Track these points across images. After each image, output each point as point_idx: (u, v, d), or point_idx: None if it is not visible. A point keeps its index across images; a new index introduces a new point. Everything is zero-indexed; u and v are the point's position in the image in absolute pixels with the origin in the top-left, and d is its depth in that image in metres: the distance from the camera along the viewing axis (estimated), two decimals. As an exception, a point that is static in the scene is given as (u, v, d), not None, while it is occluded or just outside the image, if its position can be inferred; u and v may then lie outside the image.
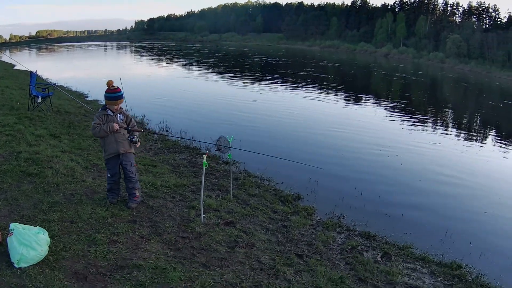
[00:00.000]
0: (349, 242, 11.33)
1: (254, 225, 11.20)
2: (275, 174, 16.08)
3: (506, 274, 11.40)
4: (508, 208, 16.64)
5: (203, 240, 9.64)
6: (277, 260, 9.39)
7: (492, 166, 22.66)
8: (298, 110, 32.77)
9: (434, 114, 40.78)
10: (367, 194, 15.95)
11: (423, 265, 10.94)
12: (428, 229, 13.81)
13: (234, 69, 65.56)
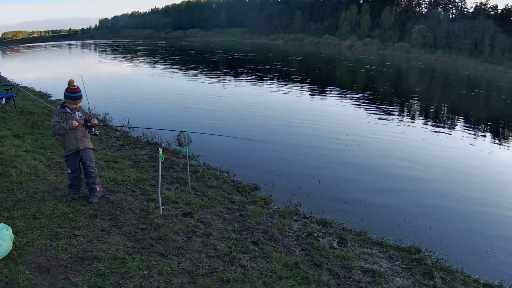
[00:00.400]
0: (305, 229, 11.64)
1: (211, 215, 11.51)
2: (233, 166, 16.31)
3: (468, 257, 11.74)
4: (469, 193, 17.12)
5: (162, 231, 9.97)
6: (233, 248, 9.73)
7: (455, 153, 23.23)
8: (261, 104, 32.98)
9: (400, 104, 41.29)
10: (324, 182, 16.26)
11: (380, 250, 11.25)
12: (386, 215, 14.16)
13: (201, 65, 65.27)
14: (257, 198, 13.54)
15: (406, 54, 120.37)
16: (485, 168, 21.23)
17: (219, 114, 27.21)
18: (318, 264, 9.81)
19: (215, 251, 9.55)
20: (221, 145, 19.14)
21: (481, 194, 17.15)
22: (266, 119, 27.06)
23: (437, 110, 41.23)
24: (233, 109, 29.65)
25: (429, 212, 15.00)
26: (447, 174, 19.38)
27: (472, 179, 19.03)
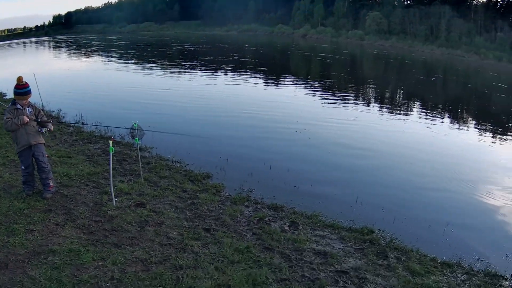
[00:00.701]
0: (257, 214, 11.96)
1: (164, 205, 11.78)
2: (185, 156, 16.49)
3: (423, 236, 12.10)
4: (422, 175, 17.58)
5: (115, 222, 10.24)
6: (185, 235, 10.05)
7: (409, 137, 23.74)
8: (215, 95, 33.04)
9: (355, 91, 41.74)
10: (276, 168, 16.56)
11: (332, 232, 11.56)
12: (338, 198, 14.49)
13: (157, 58, 64.54)
14: (209, 186, 13.81)
15: (360, 41, 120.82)
16: (439, 151, 21.68)
17: (172, 108, 27.20)
18: (269, 248, 10.12)
19: (167, 239, 9.84)
20: (173, 137, 19.23)
21: (434, 176, 17.62)
22: (219, 110, 27.14)
23: (393, 96, 41.84)
24: (186, 102, 29.53)
25: (381, 194, 15.36)
26: (400, 157, 19.87)
27: (425, 162, 19.44)
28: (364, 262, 10.06)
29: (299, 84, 42.65)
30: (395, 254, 10.71)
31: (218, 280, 8.34)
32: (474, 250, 11.70)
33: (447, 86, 51.12)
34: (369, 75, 55.45)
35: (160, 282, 8.01)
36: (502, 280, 10.17)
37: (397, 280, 9.45)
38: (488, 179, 17.98)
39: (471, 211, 14.79)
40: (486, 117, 34.38)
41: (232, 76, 45.62)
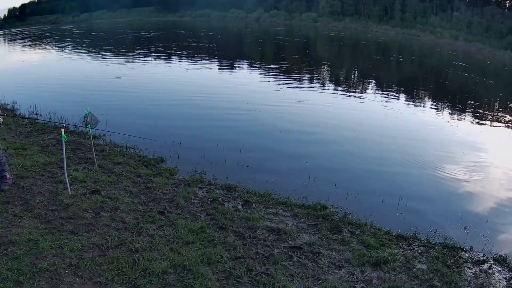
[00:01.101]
0: (210, 195, 12.28)
1: (118, 190, 12.01)
2: (139, 142, 16.57)
3: (377, 211, 12.47)
4: (374, 152, 18.09)
5: (71, 210, 10.46)
6: (140, 219, 10.34)
7: (361, 115, 24.38)
8: (170, 81, 32.81)
9: (310, 72, 41.98)
10: (228, 150, 16.82)
11: (285, 209, 11.91)
12: (291, 176, 14.85)
13: (114, 46, 63.12)
14: (163, 170, 14.02)
15: (314, 23, 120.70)
16: (393, 128, 22.32)
17: (127, 96, 26.93)
18: (223, 227, 10.46)
19: (123, 223, 10.13)
20: (126, 124, 19.37)
21: (387, 152, 18.14)
22: (172, 95, 27.17)
23: (348, 76, 42.34)
24: (140, 89, 29.08)
25: (334, 171, 15.78)
26: (353, 135, 20.32)
27: (378, 138, 20.00)
28: (318, 238, 10.39)
29: (255, 67, 42.77)
30: (349, 228, 11.06)
31: (173, 260, 8.65)
32: (431, 223, 12.05)
33: (404, 65, 51.78)
34: (324, 57, 55.71)
35: (116, 266, 8.28)
36: (461, 252, 10.55)
37: (352, 254, 9.78)
38: (442, 154, 18.53)
39: (425, 185, 15.23)
40: (443, 94, 35.18)
41: (189, 61, 45.16)
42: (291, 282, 8.48)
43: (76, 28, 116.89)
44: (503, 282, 9.54)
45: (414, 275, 9.25)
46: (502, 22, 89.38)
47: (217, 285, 8.10)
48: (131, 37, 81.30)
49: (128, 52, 53.69)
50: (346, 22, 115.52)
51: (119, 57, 49.49)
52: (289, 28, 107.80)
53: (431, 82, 42.54)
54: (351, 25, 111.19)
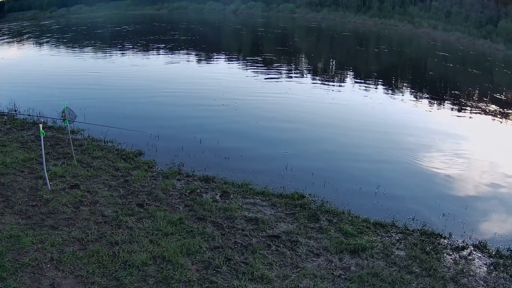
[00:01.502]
0: (188, 187, 12.44)
1: (97, 184, 12.10)
2: (117, 136, 16.61)
3: (354, 199, 12.66)
4: (349, 141, 18.40)
5: (51, 205, 10.56)
6: (119, 212, 10.48)
7: (339, 106, 24.65)
8: (149, 74, 32.38)
9: (289, 64, 41.96)
10: (206, 141, 16.95)
11: (263, 199, 12.11)
12: (268, 166, 15.00)
13: (94, 41, 61.29)
14: (141, 163, 14.12)
15: (291, 14, 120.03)
16: (371, 118, 22.55)
17: (104, 90, 26.54)
18: (201, 218, 10.62)
19: (102, 217, 10.26)
20: (105, 117, 19.31)
21: (364, 141, 18.42)
22: (151, 89, 26.90)
23: (327, 67, 42.29)
24: (119, 83, 28.86)
25: (311, 160, 15.92)
26: (330, 125, 20.63)
27: (356, 128, 20.26)
28: (296, 226, 10.59)
29: (233, 60, 42.61)
30: (327, 217, 11.26)
31: (153, 252, 8.81)
32: (409, 210, 12.27)
33: (382, 55, 51.85)
34: (303, 48, 55.41)
35: (97, 259, 8.41)
36: (439, 238, 10.77)
37: (330, 242, 9.98)
38: (421, 142, 18.83)
39: (403, 173, 15.50)
40: (422, 84, 35.56)
41: (168, 55, 44.50)
42: (269, 271, 8.64)
43: (55, 23, 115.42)
44: (484, 268, 9.71)
45: (392, 261, 9.43)
46: (481, 11, 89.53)
47: (196, 275, 8.25)
48: (112, 31, 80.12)
49: (107, 46, 52.63)
50: (324, 13, 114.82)
51: (97, 51, 48.42)
52: (267, 19, 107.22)
53: (410, 71, 42.95)
54: (329, 16, 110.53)
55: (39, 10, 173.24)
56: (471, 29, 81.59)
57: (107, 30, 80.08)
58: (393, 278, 8.75)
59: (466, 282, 9.00)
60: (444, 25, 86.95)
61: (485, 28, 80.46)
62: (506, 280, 9.26)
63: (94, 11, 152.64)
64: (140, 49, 48.78)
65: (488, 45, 71.69)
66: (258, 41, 61.23)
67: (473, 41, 75.12)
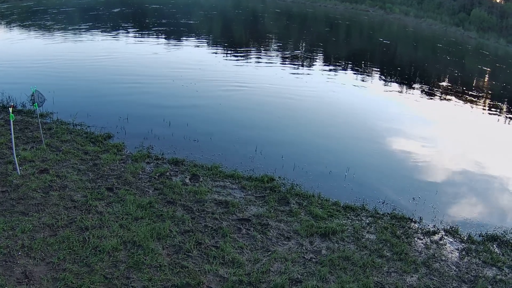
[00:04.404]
0: (158, 170, 12.51)
1: (66, 169, 12.05)
2: (86, 119, 16.50)
3: (324, 182, 12.98)
4: (319, 124, 18.78)
5: (21, 190, 10.51)
6: (89, 197, 10.50)
7: (306, 89, 24.96)
8: (114, 60, 30.41)
9: (257, 48, 41.75)
10: (174, 123, 16.99)
11: (233, 182, 12.29)
12: (237, 148, 15.19)
13: (66, 24, 59.85)
14: (110, 146, 14.08)
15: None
16: (340, 101, 22.97)
17: (74, 73, 25.94)
18: (171, 201, 10.77)
19: (72, 202, 10.27)
20: (72, 99, 19.12)
21: (334, 125, 18.87)
22: (117, 72, 26.46)
23: (296, 51, 41.91)
24: (88, 66, 28.21)
25: (281, 143, 16.15)
26: (298, 108, 20.88)
27: (325, 112, 20.68)
28: (266, 209, 10.79)
29: (200, 42, 41.78)
30: (297, 200, 11.52)
31: (123, 237, 8.91)
32: (379, 194, 12.60)
33: (352, 40, 52.07)
34: (271, 32, 55.18)
35: (68, 245, 8.48)
36: (410, 223, 11.10)
37: (300, 225, 10.21)
38: (391, 127, 19.29)
39: (373, 157, 15.81)
40: (392, 69, 35.87)
41: (138, 38, 43.60)
42: (240, 255, 8.83)
43: (41, 4, 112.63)
44: (456, 253, 10.02)
45: (363, 245, 9.69)
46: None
47: (167, 260, 8.38)
48: (108, 13, 78.04)
49: (80, 30, 51.49)
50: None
51: (69, 34, 47.20)
52: (236, 2, 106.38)
53: (380, 56, 43.13)
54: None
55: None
56: (443, 16, 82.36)
57: (100, 12, 78.04)
58: (364, 261, 8.99)
59: (438, 267, 9.28)
60: (416, 12, 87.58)
61: (457, 16, 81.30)
62: (478, 266, 9.56)
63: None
64: (113, 32, 47.79)
65: (461, 32, 72.57)
66: (226, 24, 60.70)
67: (445, 28, 75.81)
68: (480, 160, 16.53)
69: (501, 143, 19.64)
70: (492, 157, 17.35)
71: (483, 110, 26.26)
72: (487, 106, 27.48)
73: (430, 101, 25.45)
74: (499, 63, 49.42)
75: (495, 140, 20.00)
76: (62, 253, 8.24)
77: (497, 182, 15.11)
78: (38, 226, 9.07)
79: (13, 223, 9.06)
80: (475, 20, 76.87)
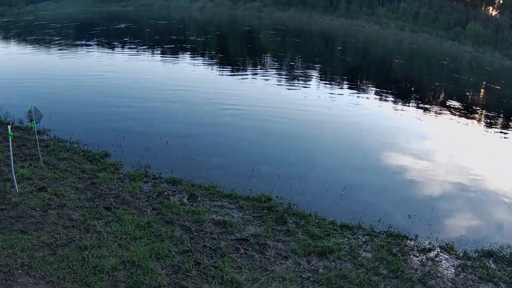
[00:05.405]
0: (155, 189, 12.50)
1: (64, 187, 12.03)
2: (83, 136, 16.49)
3: (321, 201, 12.95)
4: (313, 142, 18.85)
5: (19, 208, 10.49)
6: (87, 216, 10.47)
7: (300, 105, 24.98)
8: (115, 76, 30.71)
9: (253, 64, 42.23)
10: (172, 143, 16.99)
11: (230, 202, 12.28)
12: (234, 168, 15.27)
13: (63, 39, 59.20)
14: (107, 164, 14.07)
15: (258, 13, 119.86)
16: (335, 118, 23.06)
17: (70, 91, 25.96)
18: (170, 221, 10.73)
19: (70, 221, 10.24)
20: (69, 117, 19.13)
21: (329, 143, 18.93)
22: (114, 89, 26.47)
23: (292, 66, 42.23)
24: (85, 83, 28.15)
25: (277, 163, 16.14)
26: (295, 125, 20.89)
27: (320, 128, 20.84)
28: (264, 229, 10.79)
29: (196, 59, 41.80)
30: (294, 219, 11.51)
31: (122, 257, 8.87)
32: (375, 212, 12.61)
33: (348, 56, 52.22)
34: (269, 48, 55.24)
35: (67, 264, 8.44)
36: (406, 240, 11.11)
37: (297, 244, 10.20)
38: (386, 142, 19.42)
39: (369, 174, 15.86)
40: (387, 84, 36.28)
41: (135, 54, 43.10)
42: (239, 274, 8.80)
43: (43, 19, 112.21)
44: (451, 269, 10.03)
45: (359, 263, 9.69)
46: (450, 13, 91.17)
47: (166, 280, 8.35)
48: (96, 29, 77.39)
49: (82, 45, 50.83)
50: (290, 12, 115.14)
51: (70, 49, 46.53)
52: (232, 18, 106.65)
53: (375, 71, 43.32)
54: (296, 15, 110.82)
55: (7, 6, 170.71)
56: (439, 31, 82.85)
57: (85, 28, 77.35)
58: (361, 279, 8.99)
59: (434, 284, 9.28)
60: (412, 26, 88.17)
61: (453, 30, 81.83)
62: (474, 282, 9.56)
63: (62, 8, 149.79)
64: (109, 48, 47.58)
65: (456, 46, 73.01)
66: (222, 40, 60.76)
67: (441, 42, 76.26)
68: (475, 176, 16.61)
69: (496, 158, 19.70)
70: (488, 172, 17.40)
71: (480, 124, 26.34)
72: (483, 120, 27.56)
73: (424, 116, 25.59)
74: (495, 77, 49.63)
75: (490, 154, 20.08)
76: (62, 272, 8.20)
77: (492, 197, 15.17)
78: (37, 245, 9.03)
79: (12, 241, 9.01)
80: (470, 34, 77.45)
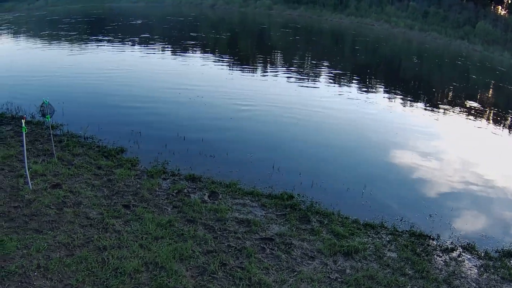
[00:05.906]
0: (175, 186, 12.07)
1: (80, 184, 11.61)
2: (97, 132, 16.15)
3: (343, 199, 12.59)
4: (334, 140, 18.49)
5: (33, 206, 10.05)
6: (105, 214, 10.02)
7: (317, 104, 24.36)
8: (125, 71, 30.28)
9: (266, 61, 41.76)
10: (189, 138, 16.57)
11: (252, 199, 11.87)
12: (255, 165, 14.81)
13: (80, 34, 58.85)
14: (124, 160, 13.69)
15: (268, 11, 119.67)
16: (353, 117, 22.53)
17: (84, 84, 25.53)
18: (191, 220, 10.28)
19: (87, 219, 9.79)
20: (83, 111, 18.81)
21: (349, 141, 18.56)
22: (128, 84, 26.18)
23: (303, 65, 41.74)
24: (98, 77, 27.97)
25: (298, 159, 15.73)
26: (313, 123, 20.49)
27: (338, 127, 20.42)
28: (288, 228, 10.38)
29: (207, 56, 41.35)
30: (317, 218, 11.12)
31: (144, 258, 8.43)
32: (396, 211, 12.26)
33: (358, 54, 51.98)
34: (280, 45, 55.01)
35: (86, 266, 8.00)
36: (428, 240, 10.77)
37: (323, 244, 9.80)
38: (404, 142, 19.02)
39: (388, 172, 15.50)
40: (405, 83, 35.85)
41: (150, 50, 42.67)
42: (266, 275, 8.40)
43: (54, 13, 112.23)
44: (474, 270, 9.71)
45: (385, 263, 9.36)
46: (459, 12, 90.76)
47: (192, 282, 7.93)
48: (121, 24, 77.13)
49: (96, 41, 50.47)
50: (301, 10, 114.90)
51: (76, 45, 46.81)
52: (243, 15, 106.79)
53: (394, 71, 43.04)
54: (306, 13, 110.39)
55: (17, 2, 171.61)
56: (448, 30, 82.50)
57: (109, 23, 77.05)
58: (388, 280, 8.73)
59: (458, 284, 9.06)
60: (421, 25, 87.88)
61: (462, 29, 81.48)
62: (497, 282, 9.34)
63: (72, 3, 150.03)
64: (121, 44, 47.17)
65: (465, 45, 72.62)
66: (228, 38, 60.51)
67: (450, 41, 75.91)
68: (493, 175, 16.25)
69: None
70: (506, 172, 17.08)
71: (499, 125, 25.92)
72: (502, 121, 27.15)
73: (442, 115, 25.19)
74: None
75: (510, 154, 19.62)
76: (81, 274, 7.75)
77: (510, 197, 14.81)
78: (53, 245, 8.58)
79: (27, 241, 8.58)
80: (480, 33, 77.02)
